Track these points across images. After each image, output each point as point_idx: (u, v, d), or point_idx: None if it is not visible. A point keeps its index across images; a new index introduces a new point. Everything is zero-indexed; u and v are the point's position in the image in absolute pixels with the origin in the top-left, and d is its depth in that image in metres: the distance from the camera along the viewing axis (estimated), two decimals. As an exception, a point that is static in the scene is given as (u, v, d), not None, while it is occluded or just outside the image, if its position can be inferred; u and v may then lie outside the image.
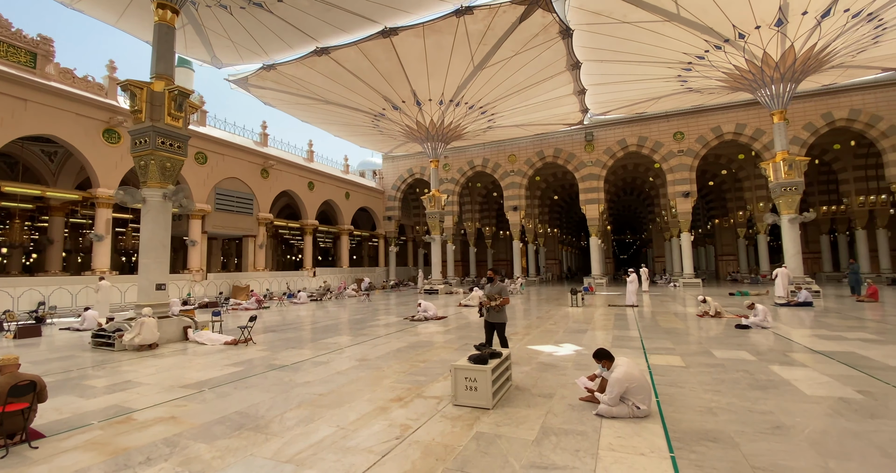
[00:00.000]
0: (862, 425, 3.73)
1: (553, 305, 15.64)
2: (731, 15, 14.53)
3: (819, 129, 22.27)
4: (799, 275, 16.14)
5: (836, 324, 9.74)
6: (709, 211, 38.14)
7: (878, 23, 14.75)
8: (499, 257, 41.64)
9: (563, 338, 8.63)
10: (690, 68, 17.98)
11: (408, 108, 21.73)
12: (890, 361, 6.06)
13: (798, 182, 16.61)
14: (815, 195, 29.39)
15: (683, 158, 24.50)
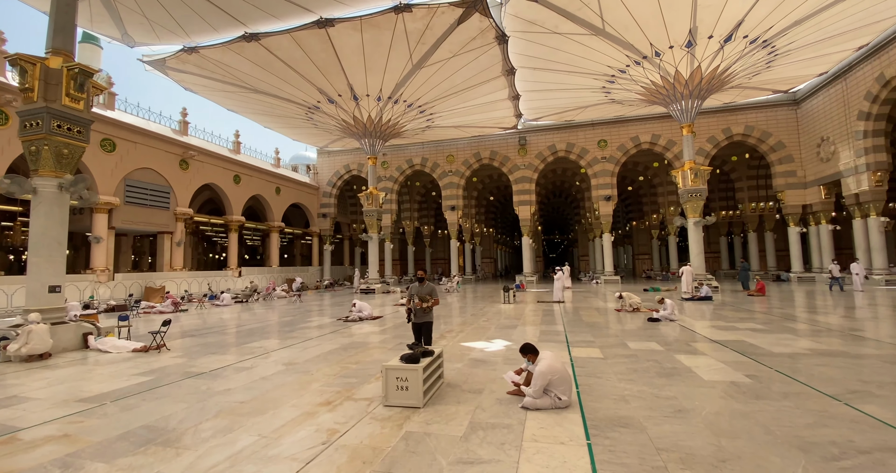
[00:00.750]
0: (749, 406, 4.25)
1: (487, 302, 16.08)
2: (649, 34, 15.84)
3: (720, 142, 25.05)
4: (701, 272, 18.05)
5: (730, 316, 11.02)
6: (627, 214, 41.37)
7: (771, 49, 16.88)
8: (437, 256, 41.96)
9: (494, 334, 8.89)
10: (614, 81, 19.35)
11: (344, 102, 21.15)
12: (774, 348, 6.96)
13: (702, 189, 18.57)
14: (716, 201, 33.05)
15: (606, 164, 26.33)
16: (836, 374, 5.29)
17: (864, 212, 19.39)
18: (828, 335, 8.05)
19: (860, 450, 3.17)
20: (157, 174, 20.10)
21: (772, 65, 18.26)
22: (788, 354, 6.46)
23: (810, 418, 3.85)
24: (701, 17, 14.76)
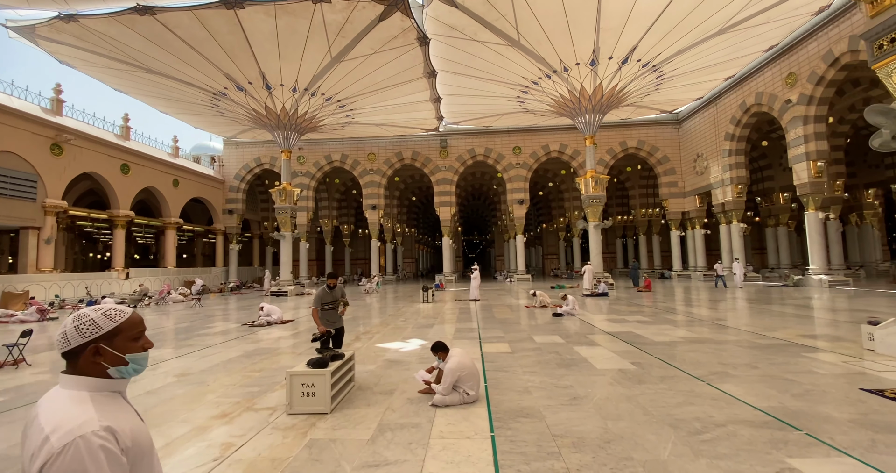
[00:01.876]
0: (632, 390, 4.74)
1: (406, 302, 16.07)
2: (559, 50, 17.03)
3: (617, 154, 27.76)
4: (600, 271, 19.86)
5: (622, 310, 12.25)
6: (539, 217, 44.13)
7: (659, 74, 19.07)
8: (357, 256, 40.99)
9: (410, 334, 8.91)
10: (527, 91, 20.50)
11: (255, 90, 19.75)
12: (656, 337, 7.86)
13: (601, 196, 20.44)
14: (613, 207, 36.59)
15: (520, 170, 27.81)
16: (703, 358, 6.13)
17: (728, 219, 22.82)
18: (699, 324, 9.32)
19: (717, 424, 3.70)
20: (20, 160, 17.00)
21: (660, 87, 20.69)
22: (667, 342, 7.35)
23: (680, 398, 4.41)
24: (603, 38, 16.23)
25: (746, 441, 3.33)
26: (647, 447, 3.27)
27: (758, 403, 4.18)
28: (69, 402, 1.03)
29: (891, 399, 4.20)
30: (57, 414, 1.00)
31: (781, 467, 2.91)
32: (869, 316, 8.16)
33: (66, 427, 0.96)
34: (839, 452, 3.10)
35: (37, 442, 0.96)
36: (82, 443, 0.94)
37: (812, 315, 10.28)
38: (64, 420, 0.98)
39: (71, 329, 1.09)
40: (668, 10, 14.59)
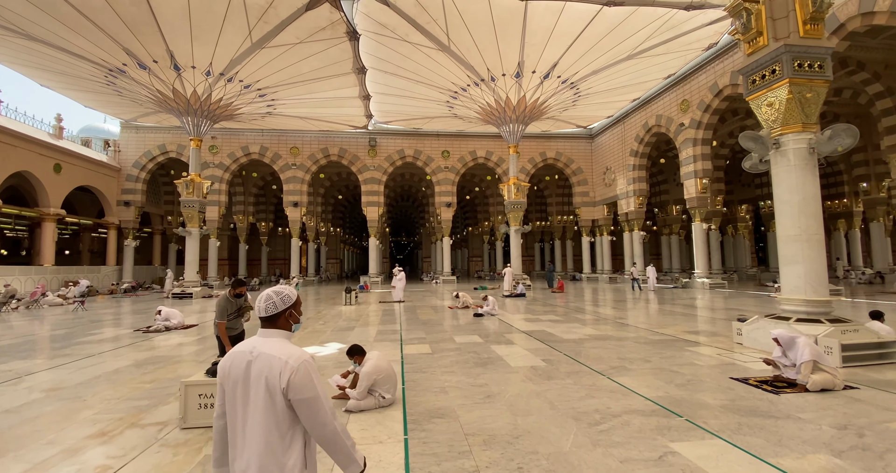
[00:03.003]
0: (542, 386, 5.00)
1: (327, 304, 15.50)
2: (487, 60, 17.60)
3: (538, 163, 29.38)
4: (519, 273, 20.82)
5: (537, 309, 12.94)
6: (465, 220, 45.22)
7: (576, 91, 20.49)
8: (276, 255, 38.72)
9: (329, 337, 8.59)
10: (457, 97, 20.90)
11: (161, 70, 17.83)
12: (565, 335, 8.40)
13: (522, 202, 21.49)
14: (533, 213, 38.64)
15: (448, 173, 28.26)
16: (605, 354, 6.67)
17: (631, 227, 25.21)
18: (604, 323, 10.13)
19: (613, 414, 4.04)
20: None
21: (576, 103, 22.28)
22: (575, 340, 7.89)
23: (583, 392, 4.75)
24: (528, 53, 17.08)
25: (637, 429, 3.67)
26: (552, 440, 3.47)
27: (648, 393, 4.63)
28: (283, 343, 1.61)
29: (753, 386, 4.89)
30: (284, 349, 1.56)
31: (665, 451, 3.24)
32: (739, 314, 9.48)
33: (295, 355, 1.54)
34: (712, 435, 3.53)
35: (280, 364, 1.51)
36: (308, 363, 1.54)
37: (695, 314, 11.69)
38: (291, 352, 1.55)
39: (277, 301, 1.67)
40: (585, 33, 15.77)
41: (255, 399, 1.52)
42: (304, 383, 1.50)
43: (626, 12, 14.68)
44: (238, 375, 1.57)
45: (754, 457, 3.11)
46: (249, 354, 1.58)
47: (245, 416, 1.54)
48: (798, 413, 3.99)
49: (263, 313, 1.66)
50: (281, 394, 1.50)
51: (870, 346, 5.82)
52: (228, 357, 1.63)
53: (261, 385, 1.52)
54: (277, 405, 1.50)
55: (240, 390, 1.57)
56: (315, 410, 1.50)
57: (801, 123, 6.66)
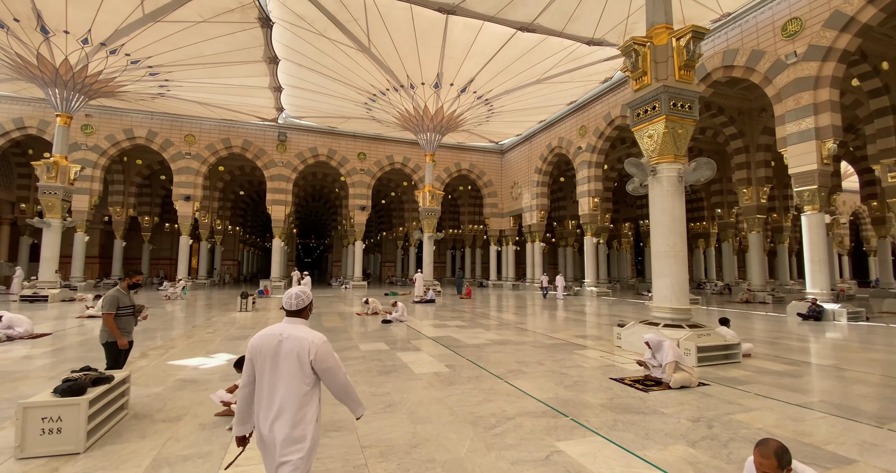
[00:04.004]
0: (443, 392, 5.06)
1: (220, 310, 14.11)
2: (407, 66, 17.68)
3: (453, 173, 30.16)
4: (430, 279, 21.07)
5: (445, 315, 13.17)
6: (380, 224, 44.62)
7: (490, 107, 21.47)
8: (160, 254, 34.43)
9: (218, 347, 7.80)
10: (375, 100, 20.66)
11: (24, 32, 14.97)
12: (469, 340, 8.63)
13: (437, 210, 21.85)
14: (446, 221, 39.50)
15: (364, 176, 27.70)
16: (504, 358, 6.98)
17: (533, 238, 27.01)
18: (505, 328, 10.63)
19: (508, 417, 4.21)
20: None
21: (490, 119, 23.37)
22: (478, 345, 8.16)
23: (482, 396, 4.90)
24: (447, 65, 17.53)
25: (528, 430, 3.87)
26: (449, 446, 3.50)
27: (540, 395, 4.93)
28: (306, 328, 2.21)
29: (628, 385, 5.46)
30: (308, 333, 2.16)
31: (551, 450, 3.45)
32: (619, 320, 10.58)
33: (318, 337, 2.15)
34: (592, 432, 3.86)
35: (307, 343, 2.10)
36: (326, 342, 2.16)
37: (584, 320, 12.82)
38: (314, 335, 2.15)
39: (305, 298, 2.28)
40: (500, 54, 16.66)
41: (286, 368, 2.11)
42: (326, 356, 2.14)
43: (537, 39, 15.82)
44: (269, 351, 2.14)
45: (626, 451, 3.46)
46: (279, 335, 2.16)
47: (273, 380, 2.11)
48: (662, 409, 4.54)
49: (295, 307, 2.28)
50: (309, 365, 2.12)
51: (719, 348, 6.87)
52: (259, 338, 2.18)
53: (292, 358, 2.11)
54: (305, 372, 2.12)
55: (269, 362, 2.13)
56: (335, 374, 2.17)
57: (673, 155, 7.71)
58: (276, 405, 2.08)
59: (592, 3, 13.98)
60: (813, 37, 12.38)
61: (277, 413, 2.06)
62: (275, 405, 2.08)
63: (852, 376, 6.04)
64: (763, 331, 10.43)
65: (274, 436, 2.05)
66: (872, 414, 4.38)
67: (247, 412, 2.18)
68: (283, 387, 2.09)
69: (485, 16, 14.72)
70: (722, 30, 15.10)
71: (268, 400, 2.10)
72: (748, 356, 7.19)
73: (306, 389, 2.11)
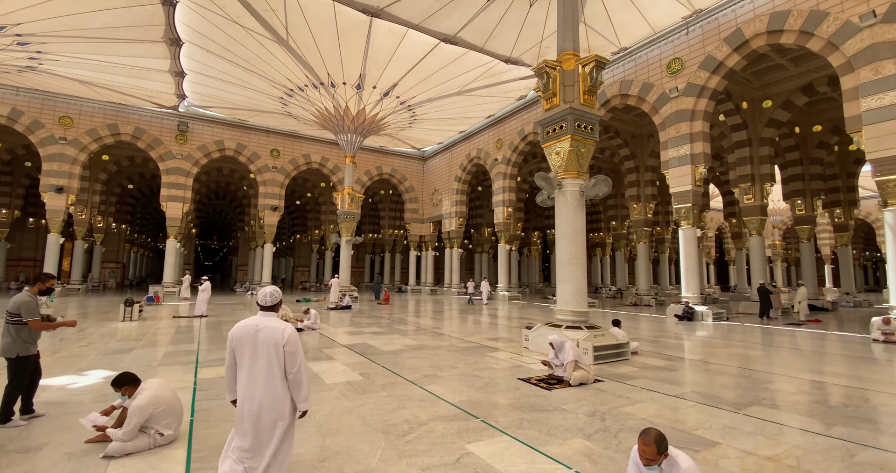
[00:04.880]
0: (356, 401, 4.93)
1: (97, 320, 12.27)
2: (328, 64, 17.13)
3: (374, 176, 29.78)
4: (347, 285, 20.47)
5: (361, 322, 12.88)
6: (293, 226, 42.37)
7: (413, 114, 21.59)
8: (22, 255, 29.17)
9: (93, 363, 6.79)
10: (292, 95, 19.67)
11: None
12: (385, 347, 8.53)
13: (356, 213, 21.35)
14: (366, 225, 38.80)
15: (277, 174, 26.15)
16: (420, 363, 7.01)
17: (452, 244, 27.65)
18: (422, 333, 10.69)
19: (421, 423, 4.24)
20: None
21: (413, 125, 23.53)
22: (394, 351, 8.10)
23: (396, 403, 4.87)
24: (369, 68, 17.32)
25: (440, 435, 3.93)
26: (359, 458, 3.43)
27: (453, 399, 5.04)
28: (277, 320, 2.78)
29: (534, 385, 5.80)
30: (280, 324, 2.74)
31: (462, 453, 3.54)
32: (527, 323, 11.23)
33: (289, 326, 2.77)
34: (500, 432, 4.03)
35: (280, 332, 2.69)
36: (294, 330, 2.79)
37: (497, 323, 13.38)
38: (285, 325, 2.76)
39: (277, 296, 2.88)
40: (424, 63, 16.90)
41: (263, 352, 2.69)
42: (294, 342, 2.74)
43: (459, 52, 16.33)
44: (247, 338, 2.71)
45: (530, 448, 3.67)
46: (256, 326, 2.73)
47: (253, 362, 2.70)
48: (563, 405, 4.90)
49: (269, 302, 2.84)
50: (282, 347, 2.69)
51: (612, 347, 7.61)
52: (238, 328, 2.75)
53: (269, 344, 2.69)
54: (279, 354, 2.69)
55: (248, 347, 2.71)
56: (295, 357, 2.73)
57: (577, 171, 8.43)
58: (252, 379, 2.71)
59: (510, 24, 14.82)
60: (691, 76, 14.42)
61: (258, 385, 2.70)
62: (252, 379, 2.71)
63: (716, 368, 7.07)
64: (647, 331, 11.77)
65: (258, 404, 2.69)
66: (731, 401, 5.16)
67: (232, 384, 2.83)
68: (260, 368, 2.70)
69: (409, 23, 14.84)
70: (620, 62, 16.93)
71: (245, 376, 2.73)
72: (636, 354, 8.06)
73: (280, 368, 2.72)
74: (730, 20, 13.52)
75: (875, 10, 10.35)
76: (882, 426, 4.33)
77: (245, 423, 2.70)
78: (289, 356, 2.70)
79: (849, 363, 7.66)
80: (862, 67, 10.48)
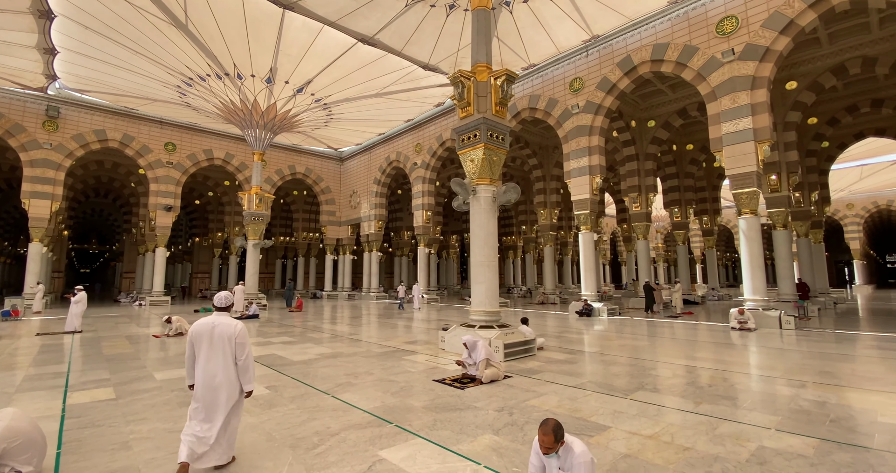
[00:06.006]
0: (260, 417, 4.63)
1: (-78, 343, 9.97)
2: (234, 54, 15.92)
3: (286, 176, 28.21)
4: (254, 292, 19.12)
5: (270, 331, 12.11)
6: (192, 229, 38.43)
7: (329, 112, 20.89)
8: None
9: (-82, 396, 5.52)
10: (191, 84, 17.94)
11: None
12: (295, 357, 8.11)
13: (265, 214, 20.06)
14: (277, 227, 36.61)
15: (172, 170, 23.57)
16: (333, 372, 6.80)
17: (370, 248, 27.20)
18: (338, 340, 10.36)
19: (332, 433, 4.11)
20: None
21: (329, 125, 22.78)
22: (304, 361, 7.75)
23: (306, 415, 4.67)
24: (282, 62, 16.44)
25: (352, 444, 3.86)
26: (264, 475, 3.24)
27: (367, 406, 4.98)
28: (230, 319, 3.57)
29: (448, 385, 5.94)
30: (232, 321, 3.54)
31: (374, 460, 3.51)
32: (444, 324, 11.45)
33: (239, 323, 3.57)
34: (413, 435, 4.06)
35: (232, 328, 3.50)
36: (244, 326, 3.61)
37: (414, 326, 13.46)
38: (236, 322, 3.56)
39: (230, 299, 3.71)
40: (341, 61, 16.49)
41: (219, 344, 3.43)
42: (244, 335, 3.51)
43: (378, 54, 16.21)
44: (205, 334, 3.43)
45: (442, 448, 3.76)
46: (212, 324, 3.46)
47: (209, 352, 3.42)
48: (475, 403, 5.09)
49: (223, 304, 3.65)
50: (234, 339, 3.45)
51: (520, 344, 8.07)
52: (197, 326, 3.46)
53: (224, 337, 3.44)
54: (231, 345, 3.44)
55: (205, 341, 3.42)
56: (244, 347, 3.48)
57: (489, 178, 8.84)
58: (210, 367, 3.40)
59: (428, 32, 15.08)
60: (590, 95, 15.90)
61: (215, 370, 3.40)
62: (209, 367, 3.40)
63: (609, 359, 7.85)
64: (552, 327, 12.69)
65: (216, 382, 3.38)
66: (621, 388, 5.77)
67: (191, 372, 3.46)
68: (217, 357, 3.42)
69: (325, 19, 14.39)
70: (529, 77, 18.09)
71: (204, 364, 3.40)
72: (542, 349, 8.64)
73: (232, 357, 3.47)
74: (622, 47, 15.18)
75: (734, 48, 12.33)
76: (738, 401, 5.16)
77: (201, 402, 3.36)
78: (238, 347, 3.47)
79: (713, 348, 8.99)
80: (723, 96, 12.43)
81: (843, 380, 6.10)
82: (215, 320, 3.48)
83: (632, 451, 3.69)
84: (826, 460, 3.47)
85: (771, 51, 11.76)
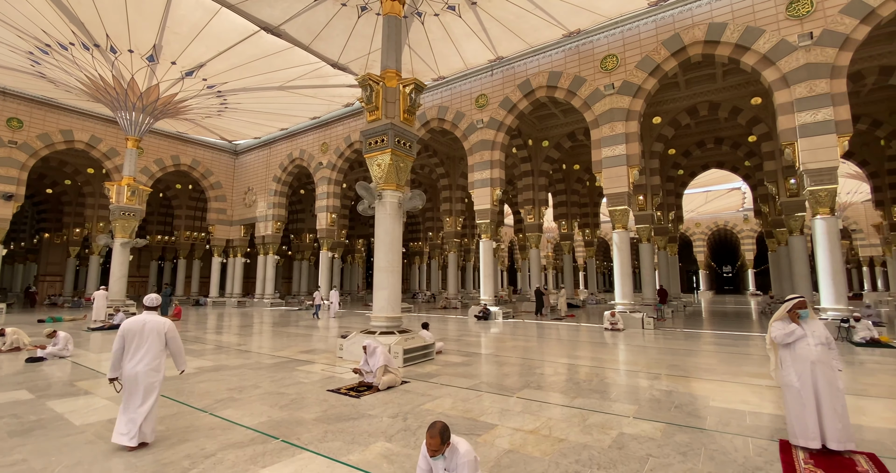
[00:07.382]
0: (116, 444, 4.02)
1: None
2: (107, 24, 13.80)
3: (167, 167, 25.10)
4: (121, 298, 16.58)
5: (139, 344, 10.58)
6: (40, 222, 32.00)
7: (224, 101, 19.09)
8: None
9: None
10: (48, 52, 15.11)
11: None
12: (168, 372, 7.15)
13: (138, 209, 17.58)
14: (154, 224, 32.33)
15: (15, 151, 19.48)
16: (214, 387, 6.18)
17: (266, 250, 25.36)
18: (223, 352, 9.43)
19: (207, 455, 3.74)
20: None
21: (222, 114, 20.84)
22: (179, 376, 6.92)
23: (175, 437, 4.18)
24: (168, 40, 14.66)
25: (230, 465, 3.55)
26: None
27: (250, 422, 4.62)
28: (159, 317, 4.23)
29: (343, 394, 5.78)
30: (161, 318, 4.23)
31: (254, 478, 3.27)
32: (344, 331, 11.11)
33: (168, 320, 4.26)
34: (301, 449, 3.88)
35: (161, 324, 4.16)
36: (172, 323, 4.31)
37: (313, 334, 12.84)
38: (165, 319, 4.25)
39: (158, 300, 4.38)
40: (240, 48, 15.24)
41: (149, 339, 4.03)
42: (173, 330, 4.23)
43: (283, 45, 15.32)
44: (136, 330, 4.02)
45: (332, 460, 3.65)
46: (143, 321, 4.07)
47: (139, 346, 4.00)
48: (370, 411, 5.03)
49: (153, 304, 4.30)
50: (164, 335, 4.14)
51: (420, 348, 8.18)
52: (128, 323, 4.05)
53: (154, 333, 4.06)
54: (161, 338, 4.11)
55: (136, 336, 4.01)
56: (175, 339, 4.25)
57: (396, 184, 8.87)
58: (139, 356, 3.98)
59: (339, 30, 14.69)
60: (493, 111, 16.86)
61: (140, 360, 3.97)
62: (139, 357, 3.98)
63: (502, 360, 8.33)
64: (453, 330, 13.08)
65: (137, 371, 3.93)
66: (510, 387, 6.16)
67: (117, 365, 3.99)
68: (147, 350, 4.00)
69: (224, 1, 13.20)
70: (439, 89, 18.61)
71: (133, 354, 3.98)
72: (440, 353, 8.85)
73: (161, 348, 4.12)
74: (523, 70, 16.40)
75: (614, 83, 14.07)
76: (606, 394, 5.83)
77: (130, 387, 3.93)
78: (170, 340, 4.17)
79: (590, 347, 10.06)
80: (604, 124, 14.09)
81: (687, 371, 7.26)
82: (146, 318, 4.09)
83: (514, 446, 3.97)
84: (670, 441, 4.10)
85: (642, 89, 13.68)
